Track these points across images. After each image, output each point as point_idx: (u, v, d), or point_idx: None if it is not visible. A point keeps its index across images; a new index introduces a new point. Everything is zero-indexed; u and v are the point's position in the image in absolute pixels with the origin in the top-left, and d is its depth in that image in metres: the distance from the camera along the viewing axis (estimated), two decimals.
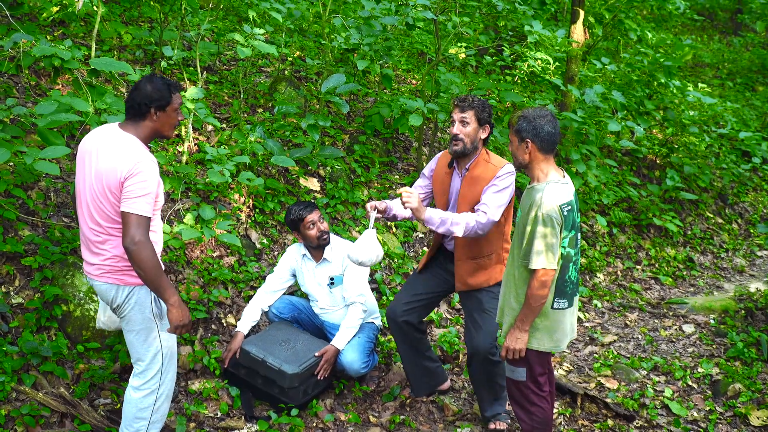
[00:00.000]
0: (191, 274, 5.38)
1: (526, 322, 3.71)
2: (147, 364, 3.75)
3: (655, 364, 5.83)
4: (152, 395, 3.78)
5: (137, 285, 3.62)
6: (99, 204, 3.52)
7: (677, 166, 9.42)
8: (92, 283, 3.69)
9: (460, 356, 5.66)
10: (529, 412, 3.97)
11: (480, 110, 4.34)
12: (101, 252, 3.59)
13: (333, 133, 7.44)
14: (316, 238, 4.97)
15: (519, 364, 3.88)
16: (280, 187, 6.32)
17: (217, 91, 7.13)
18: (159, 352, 3.75)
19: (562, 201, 3.60)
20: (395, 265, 6.45)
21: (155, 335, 3.72)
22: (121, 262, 3.58)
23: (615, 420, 4.99)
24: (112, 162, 3.47)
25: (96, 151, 3.55)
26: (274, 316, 5.14)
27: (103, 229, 3.55)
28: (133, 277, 3.60)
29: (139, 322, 3.68)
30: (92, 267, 3.65)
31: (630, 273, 7.98)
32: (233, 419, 4.60)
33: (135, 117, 3.58)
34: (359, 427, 4.72)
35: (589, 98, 8.17)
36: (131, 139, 3.54)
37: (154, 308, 3.69)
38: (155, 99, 3.55)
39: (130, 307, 3.64)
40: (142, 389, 3.77)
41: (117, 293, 3.62)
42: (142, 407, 3.78)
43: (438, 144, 8.11)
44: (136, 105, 3.55)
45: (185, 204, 5.67)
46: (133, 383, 3.79)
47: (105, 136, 3.58)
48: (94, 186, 3.52)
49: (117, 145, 3.51)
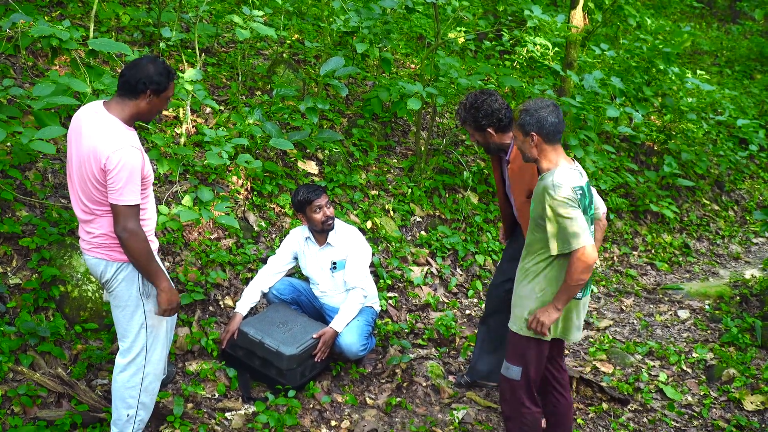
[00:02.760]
0: (189, 255, 5.38)
1: (561, 301, 3.62)
2: (131, 341, 3.74)
3: (650, 348, 5.85)
4: (138, 373, 3.78)
5: (126, 261, 3.62)
6: (84, 186, 3.51)
7: (675, 153, 9.42)
8: (84, 256, 3.71)
9: (456, 340, 5.67)
10: (519, 414, 3.89)
11: (471, 120, 4.28)
12: (90, 230, 3.61)
13: (331, 116, 7.42)
14: (321, 222, 4.96)
15: (516, 362, 3.84)
16: (278, 170, 6.31)
17: (215, 74, 7.10)
18: (143, 329, 3.74)
19: (572, 184, 3.54)
20: (392, 249, 6.45)
21: (141, 312, 3.71)
22: (109, 240, 3.58)
23: (610, 403, 5.02)
24: (92, 147, 3.43)
25: (79, 133, 3.51)
26: (274, 297, 5.13)
27: (90, 210, 3.56)
28: (121, 253, 3.60)
29: (126, 298, 3.68)
30: (84, 242, 3.67)
31: (626, 258, 7.99)
32: (230, 400, 4.61)
33: (127, 94, 3.51)
34: (356, 409, 4.73)
35: (587, 84, 8.14)
36: (113, 121, 3.47)
37: (142, 287, 3.68)
38: (155, 82, 3.50)
39: (117, 283, 3.65)
40: (128, 368, 3.77)
41: (105, 268, 3.63)
42: (129, 386, 3.78)
43: (436, 128, 8.10)
44: (132, 82, 3.48)
45: (183, 186, 5.66)
46: (119, 362, 3.79)
47: (88, 117, 3.52)
48: (79, 168, 3.51)
49: (98, 129, 3.45)
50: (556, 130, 3.61)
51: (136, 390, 3.79)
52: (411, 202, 7.07)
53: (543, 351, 3.82)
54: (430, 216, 7.08)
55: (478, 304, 6.37)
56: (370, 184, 7.02)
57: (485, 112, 4.24)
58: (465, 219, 7.15)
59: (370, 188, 6.98)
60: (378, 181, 7.07)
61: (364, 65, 8.60)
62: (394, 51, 9.39)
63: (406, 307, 6.09)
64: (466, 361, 5.44)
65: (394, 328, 5.64)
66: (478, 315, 6.17)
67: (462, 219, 7.11)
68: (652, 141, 9.62)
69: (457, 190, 7.46)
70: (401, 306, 6.06)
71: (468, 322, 6.03)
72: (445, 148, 7.68)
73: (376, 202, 6.84)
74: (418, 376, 5.12)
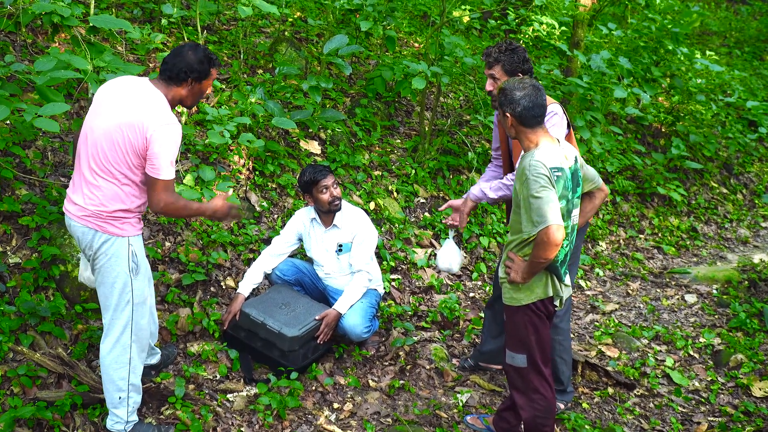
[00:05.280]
0: (190, 236, 5.38)
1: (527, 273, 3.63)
2: (114, 317, 3.73)
3: (656, 333, 5.87)
4: (125, 353, 3.77)
5: (117, 236, 3.63)
6: (112, 148, 3.53)
7: (683, 135, 9.40)
8: (69, 223, 3.69)
9: (460, 323, 5.68)
10: (531, 399, 3.85)
11: (506, 62, 4.22)
12: (91, 195, 3.59)
13: (334, 95, 7.40)
14: (328, 203, 4.94)
15: (519, 350, 3.82)
16: (281, 150, 6.30)
17: (216, 51, 7.06)
18: (129, 306, 3.74)
19: (551, 164, 3.51)
20: (396, 230, 6.45)
21: (129, 290, 3.73)
22: (106, 211, 3.59)
23: (615, 388, 5.03)
24: (139, 115, 3.50)
25: (123, 98, 3.57)
26: (277, 277, 5.13)
27: (107, 174, 3.56)
28: (113, 226, 3.62)
29: (114, 275, 3.68)
30: (75, 207, 3.64)
31: (633, 242, 8.00)
32: (232, 382, 4.62)
33: (170, 81, 3.64)
34: (359, 392, 4.75)
35: (594, 64, 8.11)
36: (161, 98, 3.59)
37: (131, 262, 3.70)
38: (196, 70, 3.63)
39: (106, 258, 3.65)
40: (115, 349, 3.76)
41: (93, 239, 3.63)
42: (117, 367, 3.77)
43: (441, 109, 8.07)
44: (175, 70, 3.61)
45: (185, 165, 5.65)
46: (104, 344, 3.77)
47: (135, 86, 3.62)
48: (113, 133, 3.53)
49: (147, 99, 3.56)
50: (530, 115, 3.57)
51: (125, 370, 3.79)
52: (415, 183, 7.06)
53: (543, 331, 3.81)
54: (434, 197, 7.08)
55: (482, 287, 6.38)
56: (373, 165, 7.01)
57: (522, 56, 4.23)
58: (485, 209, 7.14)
59: (373, 169, 6.97)
60: (381, 162, 7.06)
61: (368, 44, 8.55)
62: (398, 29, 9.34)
63: (410, 289, 6.09)
64: (470, 344, 5.46)
65: (398, 311, 5.65)
66: (482, 298, 6.18)
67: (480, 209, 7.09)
68: (660, 122, 9.60)
69: (462, 171, 7.45)
70: (405, 288, 6.07)
71: (472, 305, 6.04)
72: (450, 128, 7.65)
73: (379, 183, 6.83)
74: (422, 359, 5.14)
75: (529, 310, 3.75)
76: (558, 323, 4.48)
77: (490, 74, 4.29)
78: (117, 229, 3.63)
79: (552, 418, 3.90)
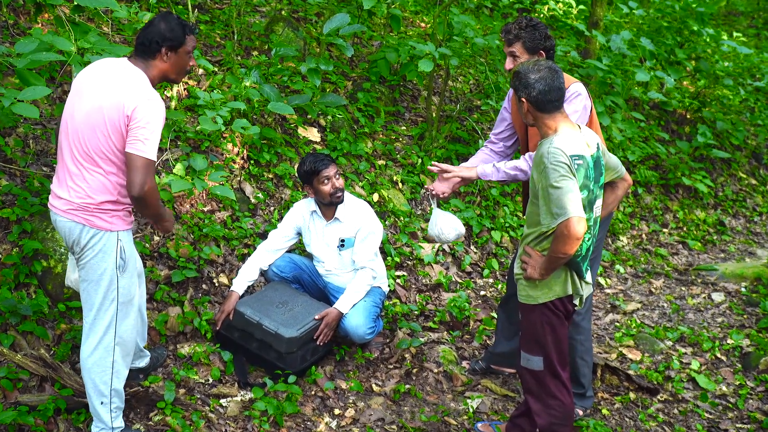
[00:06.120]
0: (180, 229, 5.38)
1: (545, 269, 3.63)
2: (98, 317, 3.72)
3: (681, 334, 5.86)
4: (108, 356, 3.76)
5: (105, 230, 3.63)
6: (92, 134, 3.54)
7: (709, 122, 9.38)
8: (55, 219, 3.69)
9: (470, 323, 5.68)
10: (547, 405, 3.84)
11: (528, 39, 4.23)
12: (77, 187, 3.60)
13: (335, 79, 7.39)
14: (330, 194, 4.93)
15: (534, 352, 3.81)
16: (277, 137, 6.29)
17: (208, 32, 7.06)
18: (114, 305, 3.74)
19: (572, 151, 3.50)
20: (401, 224, 6.45)
21: (114, 288, 3.72)
22: (93, 204, 3.59)
23: (637, 393, 5.03)
24: (118, 94, 3.51)
25: (100, 80, 3.59)
26: (274, 274, 5.13)
27: (85, 162, 3.57)
28: (102, 220, 3.62)
29: (101, 272, 3.67)
30: (60, 201, 3.64)
31: (656, 236, 7.99)
32: (226, 386, 4.62)
33: (144, 55, 3.65)
34: (361, 396, 4.75)
35: (614, 45, 8.11)
36: (140, 74, 3.60)
37: (119, 259, 3.69)
38: (168, 38, 3.63)
39: (93, 254, 3.64)
40: (97, 351, 3.75)
41: (81, 234, 3.62)
42: (100, 371, 3.76)
43: (449, 93, 8.06)
44: (146, 42, 3.63)
45: (174, 153, 5.64)
46: (86, 345, 3.76)
47: (112, 66, 3.64)
48: (93, 116, 3.53)
49: (125, 77, 3.57)
50: (546, 100, 3.56)
51: (107, 375, 3.78)
52: (421, 173, 7.05)
53: (561, 332, 3.79)
54: None
55: (494, 285, 6.38)
56: (376, 154, 7.00)
57: (544, 33, 4.24)
58: (480, 192, 7.14)
59: (376, 158, 6.97)
60: (385, 150, 7.05)
61: (371, 23, 8.54)
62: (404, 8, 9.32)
63: (416, 287, 6.09)
64: (480, 346, 5.46)
65: (403, 310, 5.65)
66: (493, 296, 6.18)
67: (477, 192, 7.10)
68: (685, 108, 9.58)
69: None
70: (411, 286, 6.07)
71: (483, 304, 6.04)
72: (459, 114, 7.64)
73: (383, 173, 6.83)
74: (429, 362, 5.13)
75: (547, 309, 3.73)
76: (579, 321, 4.48)
77: (510, 52, 4.29)
78: (105, 222, 3.63)
79: (570, 425, 3.89)
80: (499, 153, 4.75)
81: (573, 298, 3.77)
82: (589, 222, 3.64)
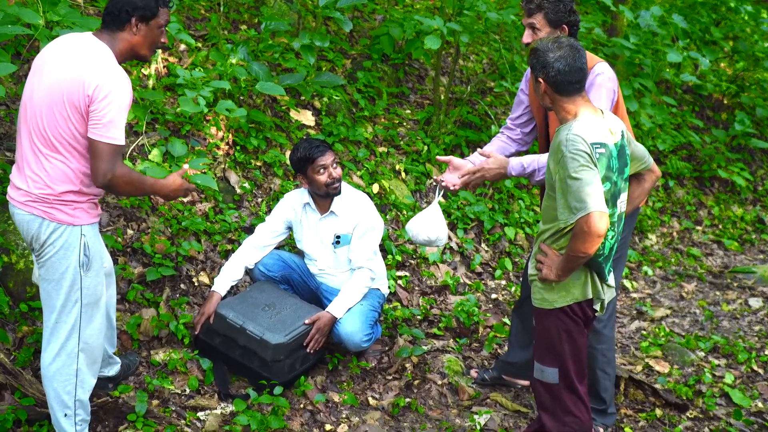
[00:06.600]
0: (157, 222, 5.37)
1: (562, 270, 3.63)
2: (59, 321, 3.72)
3: (714, 344, 5.85)
4: (72, 363, 3.76)
5: (67, 224, 3.62)
6: (51, 116, 3.53)
7: (748, 108, 9.36)
8: (13, 211, 3.69)
9: (479, 330, 5.68)
10: (562, 422, 3.83)
11: (551, 10, 4.20)
12: (36, 177, 3.59)
13: (332, 56, 7.38)
14: (326, 185, 4.91)
15: (549, 363, 3.80)
16: (266, 121, 6.28)
17: (191, 3, 7.06)
18: (77, 307, 3.73)
19: (593, 138, 3.49)
20: (403, 219, 6.44)
21: (78, 288, 3.71)
22: (53, 195, 3.58)
23: (664, 409, 5.00)
24: (78, 70, 3.49)
25: (59, 57, 3.58)
26: (261, 273, 5.13)
27: (50, 149, 3.56)
28: (63, 213, 3.61)
29: (62, 270, 3.66)
30: (18, 192, 3.64)
31: (688, 235, 7.98)
32: (204, 397, 4.62)
33: (112, 26, 3.64)
34: (356, 411, 4.73)
35: (644, 22, 8.08)
36: (104, 48, 3.58)
37: (82, 256, 3.68)
38: (139, 7, 3.62)
39: (54, 251, 3.64)
40: (59, 357, 3.74)
41: (40, 228, 3.61)
42: (63, 380, 3.76)
43: (459, 73, 8.05)
44: (115, 11, 3.61)
45: (151, 138, 5.64)
46: (47, 353, 3.76)
47: (73, 41, 3.62)
48: (51, 96, 3.53)
49: (86, 53, 3.55)
50: (565, 80, 3.55)
51: (71, 384, 3.77)
52: (427, 162, 7.05)
53: (579, 340, 3.78)
54: None
55: (506, 287, 6.38)
56: (377, 140, 7.01)
57: (569, 6, 4.22)
58: (492, 184, 7.12)
59: (377, 144, 6.97)
60: (387, 136, 7.05)
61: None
62: None
63: (420, 289, 6.09)
64: (490, 355, 5.46)
65: (405, 315, 5.65)
66: (506, 300, 6.18)
67: (489, 184, 7.08)
68: (722, 93, 9.56)
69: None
70: (413, 288, 6.06)
71: (494, 308, 6.04)
72: (470, 97, 7.63)
73: (384, 162, 6.83)
74: (432, 373, 5.12)
75: (564, 315, 3.73)
76: (601, 329, 4.45)
77: (529, 23, 4.27)
78: (67, 216, 3.62)
79: None
80: (517, 140, 4.74)
81: (593, 302, 3.76)
82: (612, 218, 3.62)
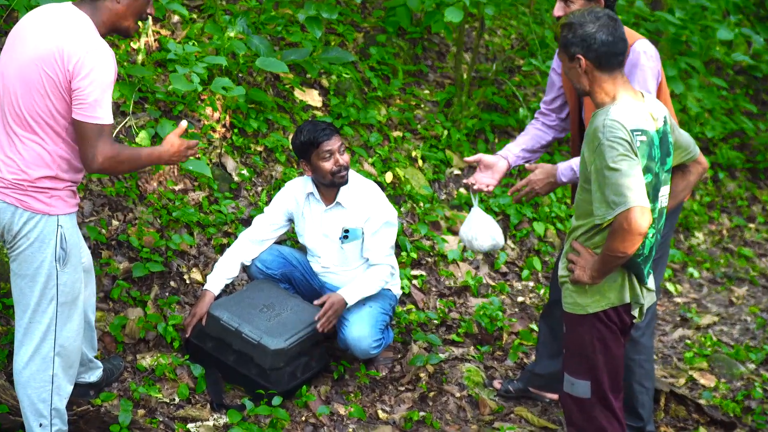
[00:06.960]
0: (145, 212, 5.37)
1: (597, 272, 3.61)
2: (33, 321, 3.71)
3: (766, 355, 5.88)
4: (47, 368, 3.75)
5: (43, 214, 3.62)
6: (29, 95, 3.54)
7: None
8: None
9: (504, 336, 5.67)
10: None
11: None
12: (9, 161, 3.59)
13: (341, 30, 7.41)
14: (332, 173, 4.89)
15: (581, 375, 3.79)
16: (268, 101, 6.29)
17: None
18: (53, 306, 3.72)
19: (633, 125, 3.47)
20: (420, 211, 6.45)
21: (53, 285, 3.71)
22: (27, 181, 3.57)
23: (709, 427, 5.01)
24: (56, 41, 3.50)
25: (36, 29, 3.60)
26: (259, 271, 5.12)
27: (25, 129, 3.56)
28: (38, 201, 3.60)
29: (36, 265, 3.65)
30: None
31: (739, 233, 8.05)
32: (195, 407, 4.60)
33: None
34: (363, 425, 4.71)
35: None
36: (85, 19, 3.59)
37: (59, 249, 3.68)
38: None
39: (28, 243, 3.63)
40: (33, 362, 3.73)
41: (13, 218, 3.60)
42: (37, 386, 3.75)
43: (485, 48, 8.01)
44: None
45: (140, 119, 5.65)
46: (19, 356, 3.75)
47: (51, 12, 3.64)
48: (27, 70, 3.54)
49: (65, 24, 3.55)
50: (610, 52, 3.53)
51: (46, 391, 3.77)
52: (447, 149, 7.07)
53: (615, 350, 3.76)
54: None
55: (534, 289, 6.40)
56: (391, 123, 7.01)
57: None
58: (520, 174, 7.07)
59: (391, 128, 6.98)
60: (403, 119, 7.05)
61: None
62: None
63: (437, 290, 6.08)
64: (515, 365, 5.47)
65: (420, 318, 5.64)
66: (534, 303, 6.18)
67: (516, 173, 7.03)
68: None
69: (511, 133, 7.46)
70: (430, 289, 6.05)
71: (520, 313, 6.04)
72: (496, 76, 7.64)
73: (399, 148, 6.84)
74: (450, 384, 5.12)
75: (598, 321, 3.70)
76: (639, 338, 4.44)
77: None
78: (43, 204, 3.62)
79: None
80: (554, 127, 4.74)
81: (631, 308, 3.73)
82: (654, 214, 3.59)
